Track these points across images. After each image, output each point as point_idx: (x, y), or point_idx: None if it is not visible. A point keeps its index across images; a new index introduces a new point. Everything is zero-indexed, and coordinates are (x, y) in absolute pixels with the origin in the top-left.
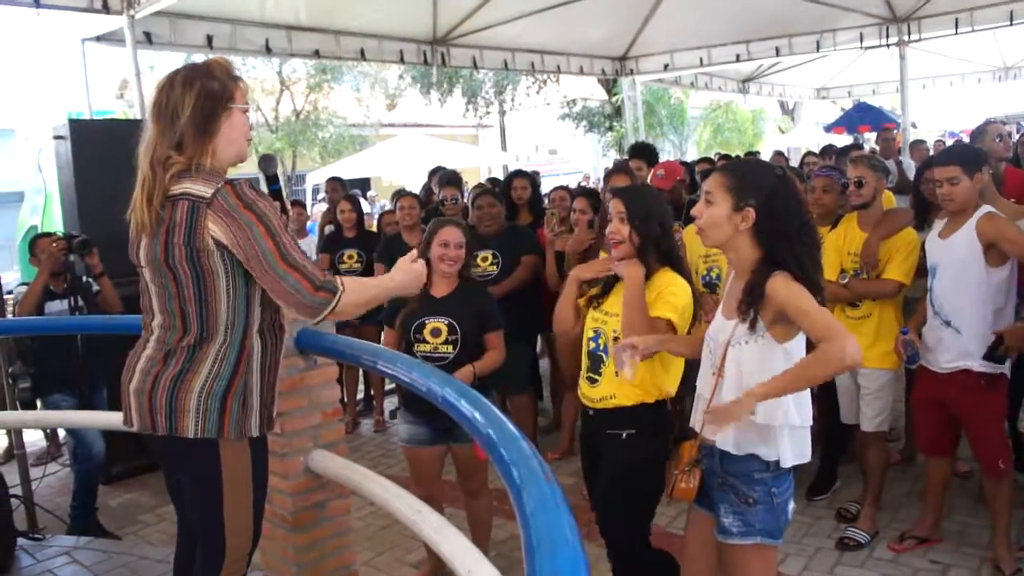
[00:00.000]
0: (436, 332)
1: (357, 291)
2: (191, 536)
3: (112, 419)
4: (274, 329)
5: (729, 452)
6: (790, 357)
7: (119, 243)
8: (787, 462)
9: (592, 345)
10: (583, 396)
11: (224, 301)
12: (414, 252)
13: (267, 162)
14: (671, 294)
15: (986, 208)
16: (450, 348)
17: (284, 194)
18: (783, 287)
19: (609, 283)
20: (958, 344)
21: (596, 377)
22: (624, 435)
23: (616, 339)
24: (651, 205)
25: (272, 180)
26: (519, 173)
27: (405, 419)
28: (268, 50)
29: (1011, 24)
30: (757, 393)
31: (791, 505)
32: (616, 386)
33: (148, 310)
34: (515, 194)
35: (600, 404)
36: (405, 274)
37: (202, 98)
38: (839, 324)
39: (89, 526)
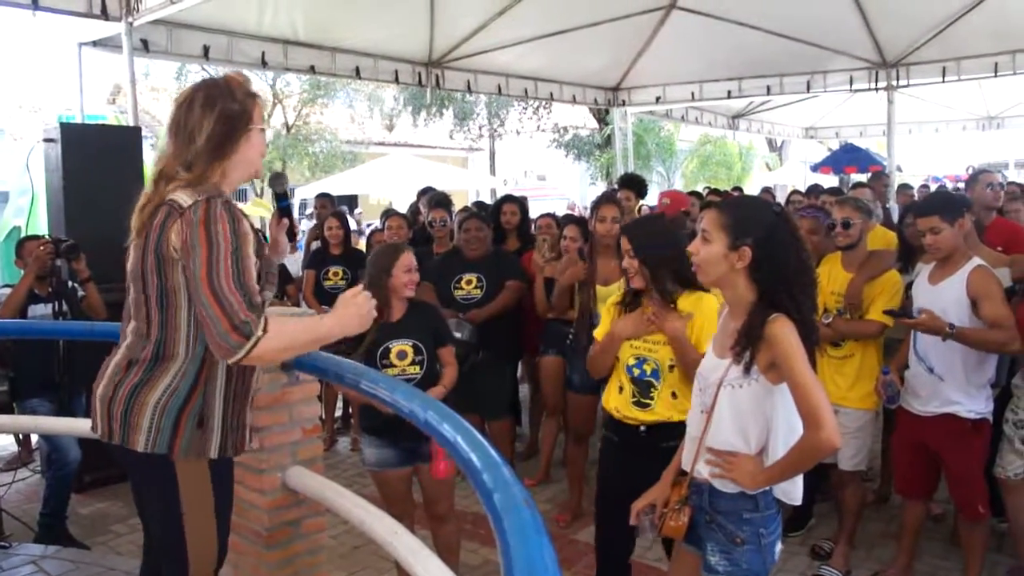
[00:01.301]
0: (402, 355)
1: (286, 336)
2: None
3: (88, 426)
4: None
5: (719, 490)
6: (784, 399)
7: (105, 248)
8: (774, 499)
9: (637, 372)
10: (623, 416)
11: (185, 315)
12: (357, 288)
13: (276, 180)
14: (709, 323)
15: (978, 261)
16: (417, 369)
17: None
18: (784, 338)
19: (632, 304)
20: (941, 391)
21: (648, 402)
22: (641, 428)
23: (671, 367)
24: (653, 233)
25: (281, 197)
26: (509, 198)
27: (370, 443)
28: (264, 63)
29: (995, 75)
30: (759, 481)
31: (778, 546)
32: (671, 409)
33: (127, 316)
34: (504, 219)
35: (653, 420)
36: (346, 316)
37: (221, 121)
38: (822, 407)
39: (58, 535)
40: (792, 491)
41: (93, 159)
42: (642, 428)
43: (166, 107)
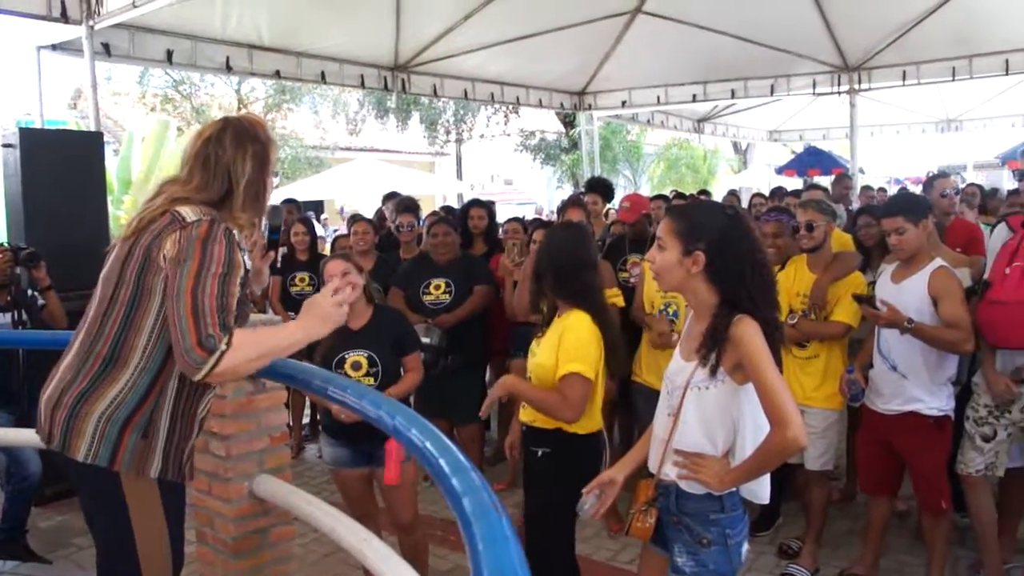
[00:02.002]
0: (357, 365)
1: (251, 347)
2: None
3: None
4: (197, 385)
5: (685, 492)
6: (750, 400)
7: (66, 256)
8: (740, 498)
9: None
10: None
11: (149, 324)
12: (327, 289)
13: (275, 213)
14: (574, 337)
15: (940, 262)
16: (371, 380)
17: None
18: (748, 338)
19: (545, 325)
20: (905, 390)
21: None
22: (540, 452)
23: (528, 379)
24: (562, 240)
25: (274, 230)
26: (476, 203)
27: (326, 441)
28: (229, 68)
29: (953, 79)
30: (727, 482)
31: (745, 547)
32: (535, 413)
33: (84, 317)
34: (472, 223)
35: (527, 421)
36: (310, 321)
37: (255, 166)
38: (787, 406)
39: (18, 550)
40: (759, 491)
41: (53, 165)
42: (523, 427)
43: (128, 112)
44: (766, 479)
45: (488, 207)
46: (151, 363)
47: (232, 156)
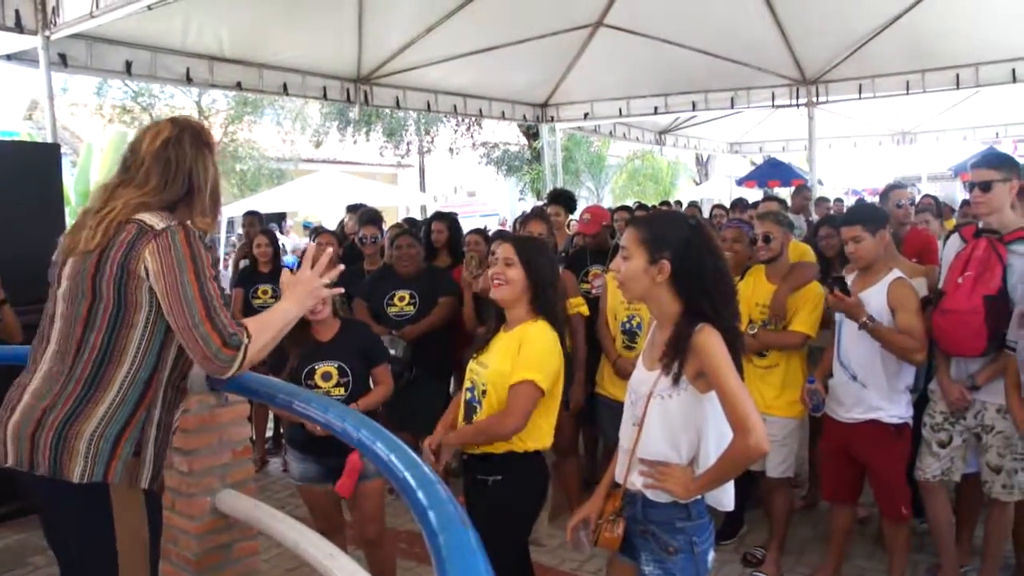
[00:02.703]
0: (327, 376)
1: (264, 333)
2: None
3: None
4: (178, 388)
5: (652, 500)
6: (714, 407)
7: (22, 269)
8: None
9: (468, 396)
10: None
11: (137, 336)
12: (307, 262)
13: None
14: (530, 349)
15: (898, 273)
16: (342, 391)
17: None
18: (710, 347)
19: (490, 336)
20: (865, 398)
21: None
22: (490, 481)
23: (484, 392)
24: (541, 252)
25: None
26: (439, 216)
27: (293, 456)
28: (189, 79)
29: (907, 93)
30: (692, 490)
31: (711, 555)
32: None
33: (43, 338)
34: (433, 236)
35: (470, 450)
36: (300, 295)
37: (214, 166)
38: (750, 413)
39: None
40: (723, 498)
41: (9, 177)
42: (464, 455)
43: (86, 123)
44: (729, 487)
45: (451, 219)
46: (140, 374)
47: (193, 158)
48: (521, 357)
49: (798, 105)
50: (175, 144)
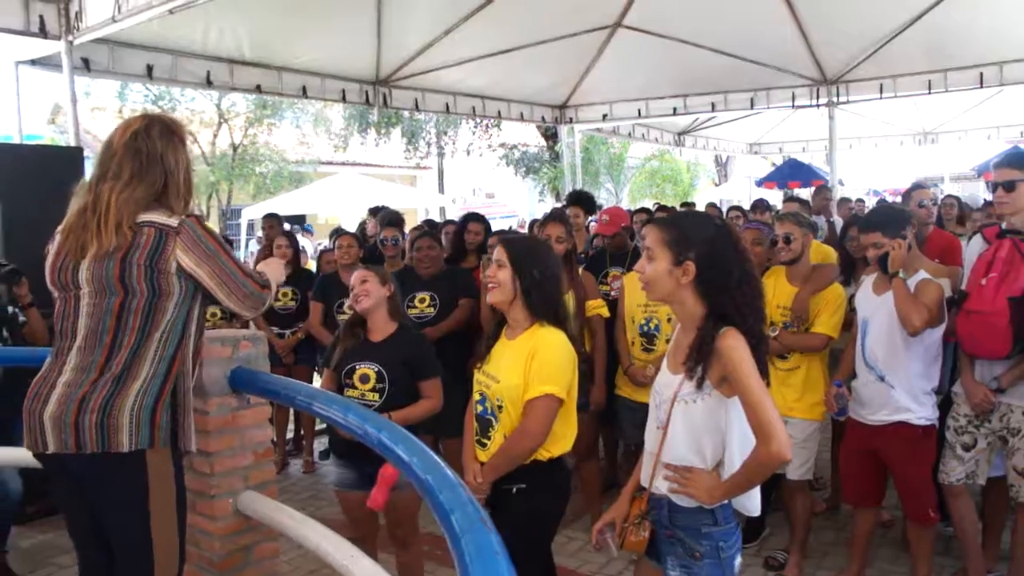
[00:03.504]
0: (365, 378)
1: (273, 279)
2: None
3: (29, 456)
4: (196, 353)
5: (677, 505)
6: (738, 412)
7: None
8: (733, 510)
9: (479, 408)
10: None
11: (168, 317)
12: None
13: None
14: (545, 358)
15: (924, 275)
16: (376, 396)
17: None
18: (734, 351)
19: (491, 342)
20: (892, 399)
21: (485, 442)
22: (514, 490)
23: (500, 406)
24: (534, 251)
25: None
26: (474, 217)
27: (335, 463)
28: (209, 83)
29: (929, 93)
30: (716, 496)
31: (738, 559)
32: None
33: (66, 334)
34: (468, 238)
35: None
36: (273, 269)
37: (184, 153)
38: (772, 420)
39: None
40: (749, 503)
41: (32, 180)
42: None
43: (108, 127)
44: (756, 492)
45: (486, 222)
46: (168, 350)
47: (163, 147)
48: (535, 369)
49: (818, 105)
50: (144, 135)
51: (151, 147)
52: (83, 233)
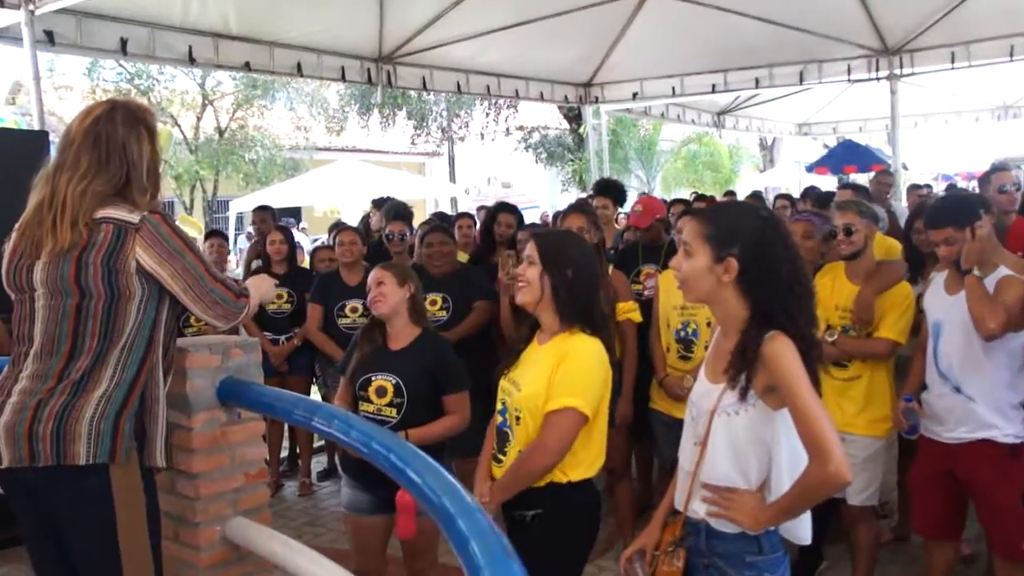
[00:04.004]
0: (381, 391)
1: (253, 289)
2: None
3: None
4: (168, 360)
5: (717, 530)
6: (786, 426)
7: None
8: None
9: (500, 419)
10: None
11: (131, 321)
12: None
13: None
14: (574, 366)
15: (1006, 271)
16: (393, 412)
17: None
18: (782, 358)
19: (521, 346)
20: (973, 414)
21: (501, 457)
22: (530, 516)
23: (518, 418)
24: (567, 247)
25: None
26: (506, 207)
27: (346, 482)
28: (191, 59)
29: (1011, 59)
30: (762, 520)
31: None
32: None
33: (23, 340)
34: (499, 230)
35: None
36: (259, 287)
37: (150, 144)
38: (827, 436)
39: None
40: (799, 530)
41: None
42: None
43: (76, 109)
44: (806, 517)
45: (519, 213)
46: (133, 355)
47: (125, 135)
48: (559, 378)
49: (878, 79)
50: (106, 121)
51: (112, 134)
52: (38, 230)
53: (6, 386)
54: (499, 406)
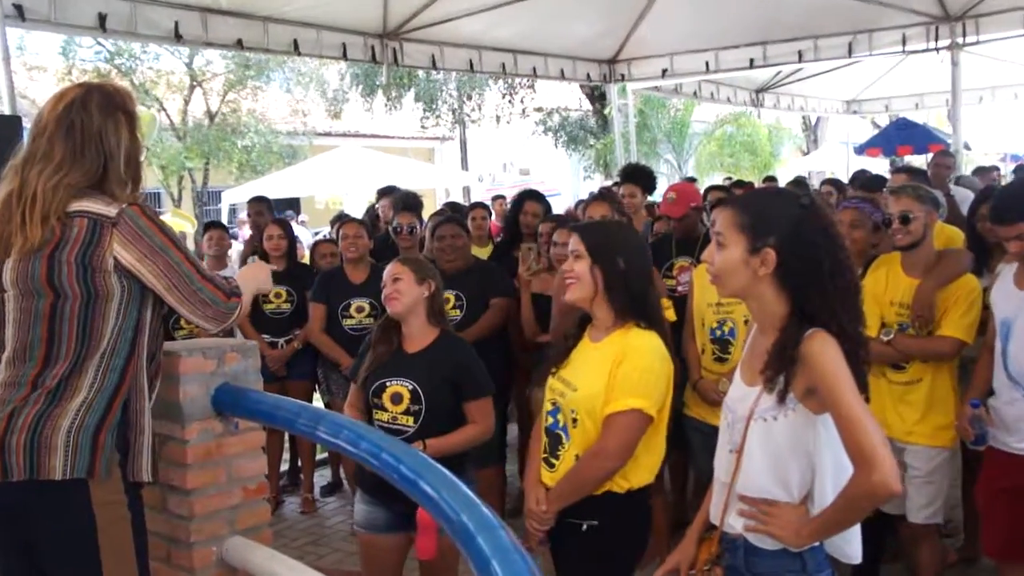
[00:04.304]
0: (397, 398)
1: (243, 285)
2: None
3: None
4: (154, 367)
5: (756, 547)
6: (830, 432)
7: None
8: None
9: (550, 421)
10: (541, 483)
11: (112, 324)
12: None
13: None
14: (632, 365)
15: None
16: (411, 420)
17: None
18: (824, 358)
19: (571, 343)
20: None
21: (554, 462)
22: (584, 526)
23: (575, 420)
24: (615, 237)
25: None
26: (532, 195)
27: (361, 499)
28: (178, 36)
29: None
30: (804, 536)
31: None
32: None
33: None
34: (525, 220)
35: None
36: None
37: (129, 132)
38: (874, 443)
39: None
40: (846, 547)
41: None
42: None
43: (49, 91)
44: (855, 532)
45: (546, 202)
46: (114, 361)
47: (102, 122)
48: (621, 378)
49: (938, 49)
50: (80, 107)
51: (87, 122)
52: (7, 226)
53: None
54: (548, 406)
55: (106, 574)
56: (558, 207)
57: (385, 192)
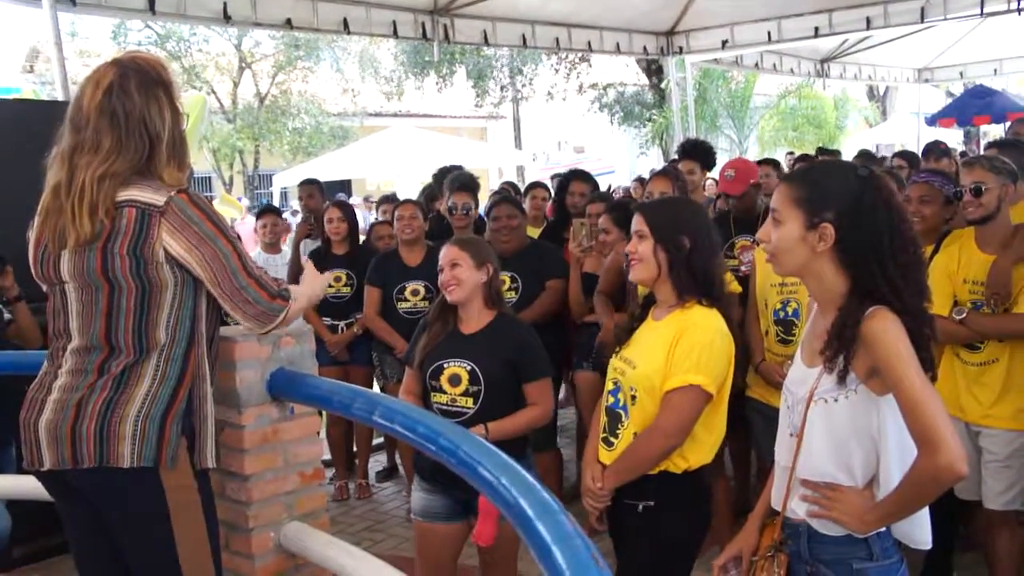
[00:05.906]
0: (455, 379)
1: (299, 295)
2: None
3: (19, 485)
4: (213, 353)
5: (819, 533)
6: (894, 413)
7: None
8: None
9: (611, 400)
10: (599, 461)
11: (167, 314)
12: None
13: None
14: (690, 343)
15: None
16: (470, 402)
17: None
18: (885, 337)
19: (635, 323)
20: None
21: (613, 440)
22: (641, 507)
23: (634, 397)
24: (678, 215)
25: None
26: (578, 175)
27: (418, 486)
28: (227, 17)
29: None
30: (869, 521)
31: None
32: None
33: (62, 334)
34: (572, 201)
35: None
36: (310, 285)
37: (171, 108)
38: (938, 424)
39: None
40: (915, 532)
41: (11, 145)
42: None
43: None
44: (923, 517)
45: (593, 181)
46: (175, 350)
47: (144, 104)
48: (680, 354)
49: (1020, 10)
50: (120, 92)
51: (130, 107)
52: (59, 217)
53: (45, 382)
54: (610, 386)
55: (181, 557)
56: (613, 184)
57: (441, 172)
